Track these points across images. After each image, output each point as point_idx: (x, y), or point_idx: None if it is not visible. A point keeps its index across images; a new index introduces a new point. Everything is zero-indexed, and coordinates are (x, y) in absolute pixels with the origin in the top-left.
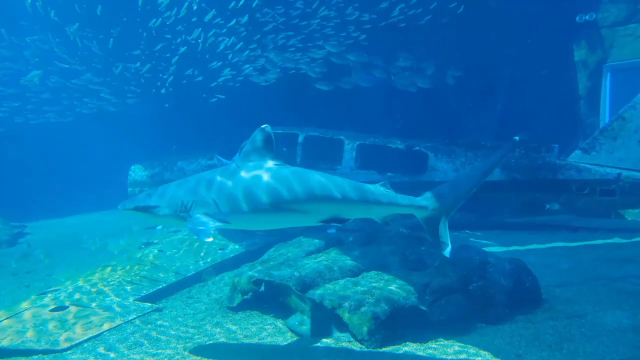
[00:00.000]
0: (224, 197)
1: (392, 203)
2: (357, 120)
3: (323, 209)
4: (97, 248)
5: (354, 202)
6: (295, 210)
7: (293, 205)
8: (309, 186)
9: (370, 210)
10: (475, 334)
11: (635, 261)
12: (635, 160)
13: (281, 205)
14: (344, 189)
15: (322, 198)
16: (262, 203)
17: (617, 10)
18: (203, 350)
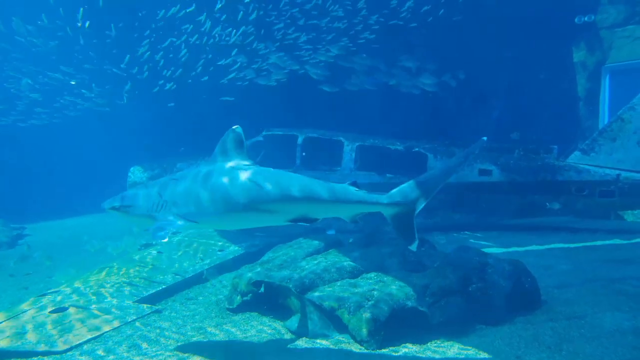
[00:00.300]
0: (194, 197)
1: (360, 201)
2: (357, 121)
3: (290, 208)
4: (97, 250)
5: (322, 201)
6: (262, 210)
7: (260, 205)
8: (276, 186)
9: (338, 209)
10: (475, 335)
11: (635, 262)
12: (634, 161)
13: (249, 205)
14: (311, 189)
15: (290, 198)
16: (230, 203)
17: (615, 12)
18: (203, 352)
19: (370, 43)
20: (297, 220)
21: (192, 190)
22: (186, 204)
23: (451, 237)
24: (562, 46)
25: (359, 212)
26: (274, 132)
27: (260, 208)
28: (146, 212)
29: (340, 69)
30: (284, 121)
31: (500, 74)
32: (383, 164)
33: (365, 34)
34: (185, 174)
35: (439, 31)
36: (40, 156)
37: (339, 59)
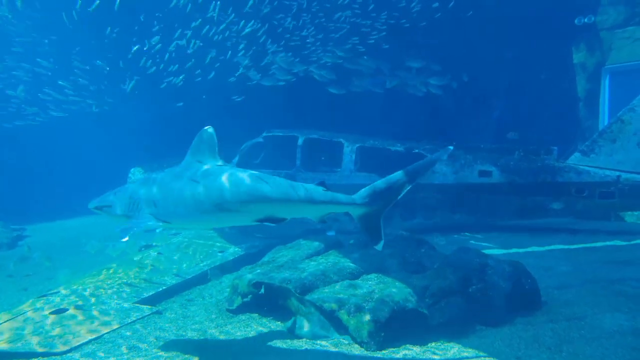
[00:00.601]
0: (166, 197)
1: (328, 202)
2: (358, 122)
3: (258, 208)
4: (97, 251)
5: (290, 201)
6: (231, 210)
7: (229, 205)
8: (244, 186)
9: (306, 209)
10: (475, 337)
11: (635, 264)
12: (634, 162)
13: (217, 205)
14: (279, 189)
15: (258, 198)
16: (199, 203)
17: (615, 13)
18: (203, 353)
19: (379, 43)
20: (264, 220)
21: (165, 190)
22: (159, 204)
23: (451, 238)
24: (562, 47)
25: (327, 213)
26: (274, 133)
27: (228, 208)
28: (123, 212)
29: (344, 71)
30: (284, 122)
31: (501, 74)
32: (383, 165)
33: (374, 33)
34: (160, 175)
35: (439, 32)
36: (41, 157)
37: (345, 61)
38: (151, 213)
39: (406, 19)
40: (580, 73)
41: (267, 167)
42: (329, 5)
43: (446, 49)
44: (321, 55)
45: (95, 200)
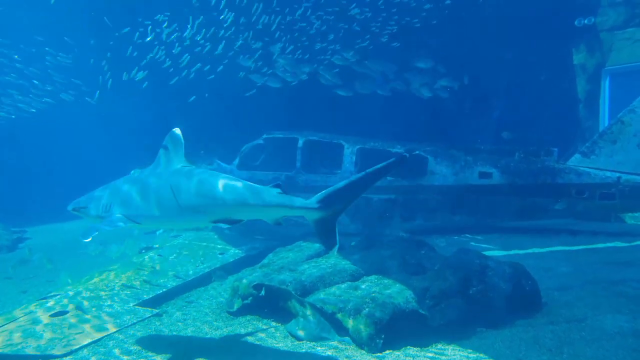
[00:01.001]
0: (134, 198)
1: (282, 205)
2: (358, 123)
3: (216, 210)
4: (97, 253)
5: (245, 204)
6: (191, 211)
7: (189, 206)
8: (203, 188)
9: (261, 212)
10: (476, 338)
11: (635, 265)
12: (634, 163)
13: (180, 206)
14: (236, 191)
15: (215, 199)
16: (162, 204)
17: (615, 14)
18: (203, 356)
19: (387, 42)
20: (221, 221)
21: (133, 191)
22: (128, 205)
23: (451, 239)
24: (562, 48)
25: (282, 215)
26: (274, 134)
27: (188, 209)
28: (97, 213)
29: (350, 73)
30: (284, 123)
31: (501, 75)
32: None
33: (385, 32)
34: (132, 177)
35: (439, 32)
36: (41, 158)
37: (353, 63)
38: (122, 214)
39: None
40: (581, 74)
41: (267, 168)
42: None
43: (446, 49)
44: (329, 58)
45: (73, 202)
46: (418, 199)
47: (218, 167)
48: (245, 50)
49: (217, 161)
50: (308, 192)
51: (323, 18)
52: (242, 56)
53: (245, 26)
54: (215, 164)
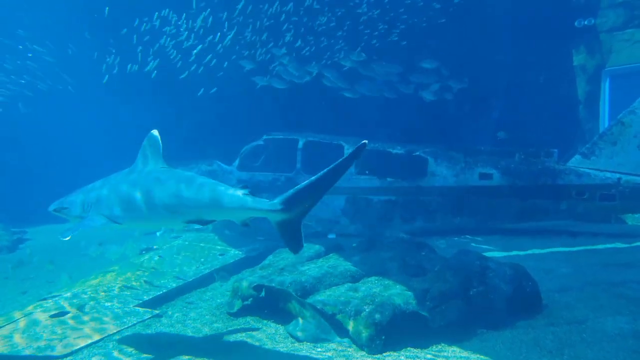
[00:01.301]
0: (114, 198)
1: (244, 207)
2: (358, 125)
3: (186, 211)
4: (97, 254)
5: (211, 205)
6: (166, 211)
7: (164, 207)
8: (174, 189)
9: (226, 213)
10: (476, 340)
11: (636, 266)
12: (634, 164)
13: (154, 206)
14: (203, 192)
15: (185, 200)
16: (141, 204)
17: (615, 16)
18: (203, 357)
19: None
20: (193, 221)
21: (113, 192)
22: (108, 205)
23: (451, 241)
24: (562, 49)
25: (249, 217)
26: (274, 135)
27: (163, 209)
28: (78, 213)
29: (355, 75)
30: (284, 124)
31: (500, 77)
32: (384, 168)
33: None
34: (111, 177)
35: (439, 34)
36: (41, 159)
37: (359, 65)
38: (102, 213)
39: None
40: (581, 75)
41: (267, 169)
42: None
43: (445, 50)
44: (338, 55)
45: (55, 203)
46: (418, 201)
47: (218, 168)
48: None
49: (217, 162)
50: None
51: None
52: (248, 53)
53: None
54: (216, 164)
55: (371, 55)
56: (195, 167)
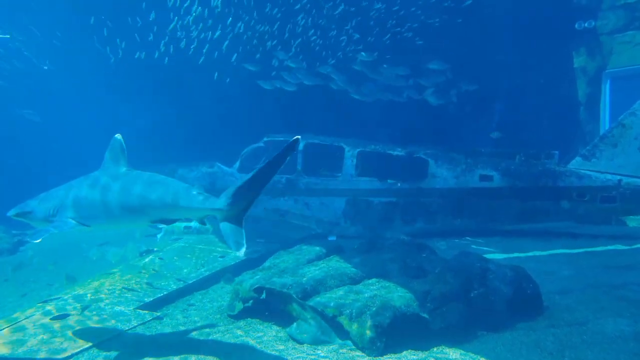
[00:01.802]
0: (81, 201)
1: (198, 206)
2: (358, 127)
3: (148, 211)
4: (98, 256)
5: (171, 206)
6: (130, 212)
7: (128, 208)
8: (138, 191)
9: (184, 212)
10: (477, 342)
11: (637, 268)
12: (635, 166)
13: (119, 208)
14: (164, 193)
15: (145, 200)
16: (107, 206)
17: (615, 18)
18: (204, 359)
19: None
20: (157, 221)
21: (80, 195)
22: (75, 208)
23: (452, 242)
24: (563, 51)
25: (204, 215)
26: (274, 137)
27: (128, 210)
28: (44, 217)
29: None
30: (285, 126)
31: (501, 79)
32: (384, 170)
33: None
34: (78, 180)
35: (439, 35)
36: (41, 160)
37: (366, 68)
38: (70, 216)
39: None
40: (581, 77)
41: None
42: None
43: (445, 52)
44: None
45: (15, 208)
46: (419, 202)
47: (219, 170)
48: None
49: (218, 164)
50: (309, 195)
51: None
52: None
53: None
54: (216, 166)
55: (383, 54)
56: (195, 169)
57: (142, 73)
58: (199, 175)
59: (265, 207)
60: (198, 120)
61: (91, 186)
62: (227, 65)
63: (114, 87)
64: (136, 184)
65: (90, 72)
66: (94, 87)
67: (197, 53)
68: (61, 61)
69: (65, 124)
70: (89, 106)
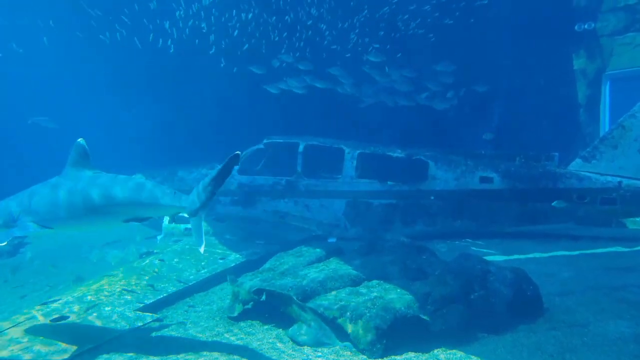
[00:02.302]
0: (45, 205)
1: (168, 204)
2: (359, 128)
3: (118, 210)
4: (98, 258)
5: (138, 204)
6: (97, 214)
7: (94, 209)
8: (105, 192)
9: (155, 210)
10: (477, 344)
11: (637, 270)
12: (635, 168)
13: (85, 209)
14: (132, 193)
15: (115, 202)
16: (71, 208)
17: (615, 20)
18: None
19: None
20: (129, 220)
21: (43, 198)
22: (38, 212)
23: (452, 244)
24: (563, 53)
25: (175, 213)
26: (274, 139)
27: (94, 211)
28: (3, 223)
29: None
30: (285, 128)
31: (501, 81)
32: (384, 172)
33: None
34: (40, 185)
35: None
36: (42, 160)
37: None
38: (32, 220)
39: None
40: (581, 79)
41: (267, 173)
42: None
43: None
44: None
45: None
46: (419, 204)
47: None
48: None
49: (218, 166)
50: (309, 197)
51: None
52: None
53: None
54: (216, 168)
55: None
56: (195, 170)
57: (142, 73)
58: (199, 177)
59: (265, 208)
60: (198, 122)
61: (52, 190)
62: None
63: (114, 88)
64: (98, 185)
65: (90, 74)
66: (93, 88)
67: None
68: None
69: (65, 126)
70: (89, 108)
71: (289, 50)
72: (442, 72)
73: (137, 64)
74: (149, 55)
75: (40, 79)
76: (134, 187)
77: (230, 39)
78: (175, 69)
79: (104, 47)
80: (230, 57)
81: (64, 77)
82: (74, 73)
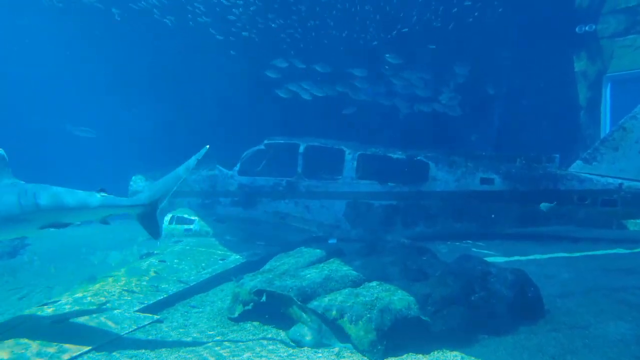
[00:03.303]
0: None
1: (105, 206)
2: (359, 129)
3: (40, 216)
4: (99, 259)
5: (68, 208)
6: (18, 221)
7: (14, 217)
8: (25, 200)
9: (85, 213)
10: (478, 345)
11: (637, 272)
12: (636, 170)
13: (9, 217)
14: (57, 198)
15: (38, 208)
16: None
17: (616, 22)
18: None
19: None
20: (48, 226)
21: None
22: None
23: (453, 246)
24: (563, 55)
25: (107, 214)
26: (275, 140)
27: (15, 219)
28: None
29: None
30: (286, 129)
31: (501, 82)
32: (385, 173)
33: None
34: None
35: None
36: (42, 160)
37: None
38: None
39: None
40: (582, 81)
41: (268, 174)
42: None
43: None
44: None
45: None
46: (419, 205)
47: (219, 173)
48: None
49: (219, 167)
50: (310, 198)
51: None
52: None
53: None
54: (217, 169)
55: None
56: (195, 171)
57: (142, 74)
58: (199, 178)
59: (265, 209)
60: (199, 122)
61: None
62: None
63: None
64: (23, 193)
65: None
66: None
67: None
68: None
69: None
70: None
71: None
72: (461, 74)
73: (138, 64)
74: (149, 55)
75: (40, 79)
76: (55, 194)
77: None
78: (175, 69)
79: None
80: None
81: (63, 77)
82: (73, 73)
